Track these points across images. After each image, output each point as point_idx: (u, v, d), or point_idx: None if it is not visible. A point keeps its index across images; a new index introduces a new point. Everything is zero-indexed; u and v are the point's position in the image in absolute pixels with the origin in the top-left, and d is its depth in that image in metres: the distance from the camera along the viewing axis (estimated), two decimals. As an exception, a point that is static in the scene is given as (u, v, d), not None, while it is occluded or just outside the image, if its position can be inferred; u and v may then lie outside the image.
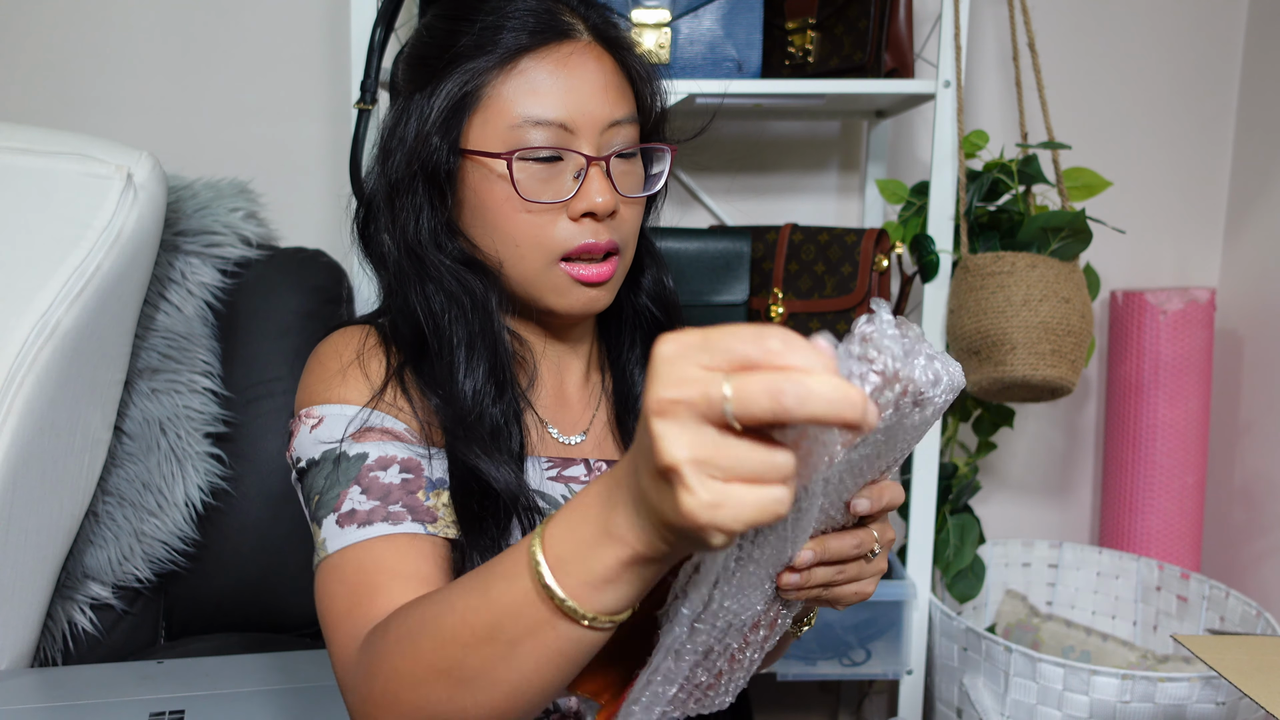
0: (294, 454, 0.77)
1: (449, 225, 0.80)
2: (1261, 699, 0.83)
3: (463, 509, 0.74)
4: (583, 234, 0.77)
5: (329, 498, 0.72)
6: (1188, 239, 1.82)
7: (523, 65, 0.76)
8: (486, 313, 0.79)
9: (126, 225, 1.18)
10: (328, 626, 0.69)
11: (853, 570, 0.64)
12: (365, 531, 0.70)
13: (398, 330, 0.80)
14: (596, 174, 0.76)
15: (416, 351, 0.79)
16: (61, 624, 1.24)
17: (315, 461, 0.75)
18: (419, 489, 0.73)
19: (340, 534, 0.70)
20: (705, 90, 1.34)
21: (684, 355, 0.42)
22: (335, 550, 0.70)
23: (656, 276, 0.90)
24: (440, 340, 0.78)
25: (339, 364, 0.78)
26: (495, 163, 0.76)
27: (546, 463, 0.82)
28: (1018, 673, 1.34)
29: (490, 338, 0.78)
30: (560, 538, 0.51)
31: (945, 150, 1.41)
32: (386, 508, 0.71)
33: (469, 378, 0.77)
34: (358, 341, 0.80)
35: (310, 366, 0.81)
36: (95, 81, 1.67)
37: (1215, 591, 1.52)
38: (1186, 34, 1.76)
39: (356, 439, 0.74)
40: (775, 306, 1.50)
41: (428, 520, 0.72)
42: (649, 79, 0.83)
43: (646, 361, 0.89)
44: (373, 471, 0.72)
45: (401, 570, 0.68)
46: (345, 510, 0.71)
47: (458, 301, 0.78)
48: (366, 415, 0.75)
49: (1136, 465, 1.69)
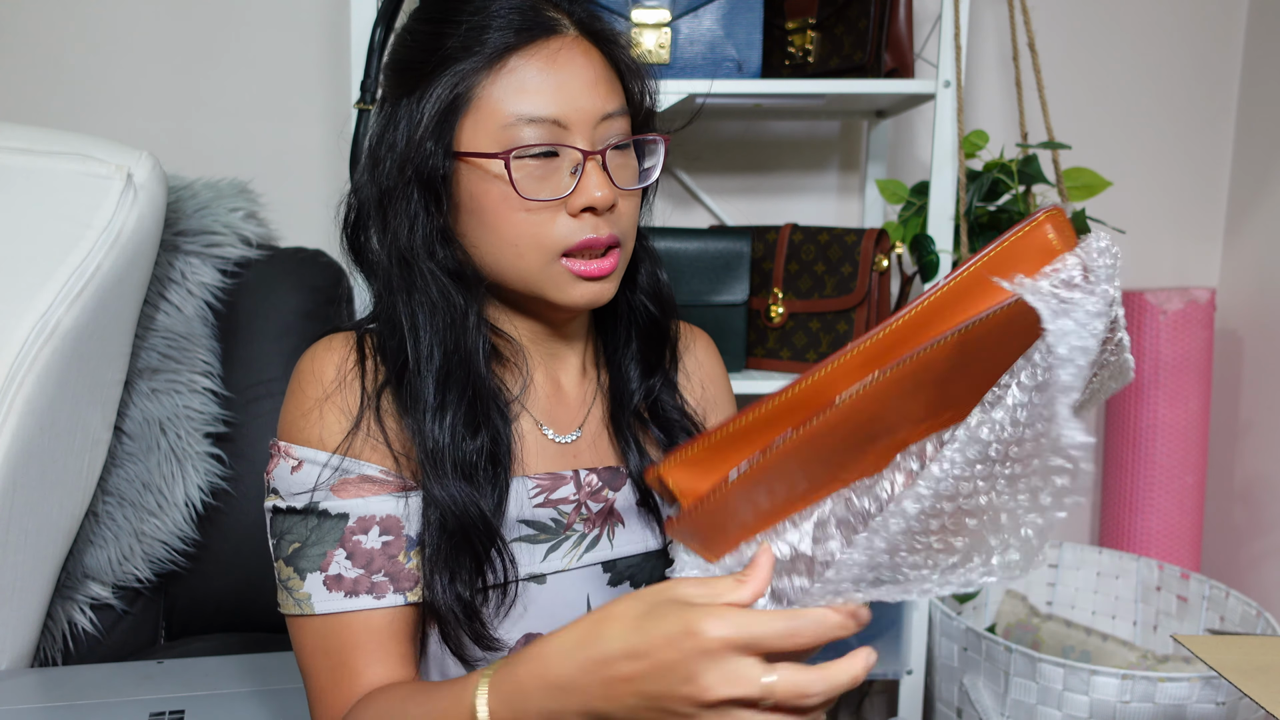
0: (272, 484, 0.79)
1: (443, 232, 0.79)
2: (1261, 699, 0.83)
3: (434, 545, 0.75)
4: (583, 229, 0.77)
5: (313, 553, 0.76)
6: (1188, 239, 1.82)
7: (511, 64, 0.75)
8: (464, 330, 0.78)
9: (126, 225, 1.18)
10: (311, 693, 0.77)
11: None
12: (351, 603, 0.75)
13: (384, 341, 0.80)
14: (593, 168, 0.76)
15: (401, 366, 0.79)
16: (61, 624, 1.24)
17: (296, 510, 0.77)
18: (399, 550, 0.77)
19: (328, 598, 0.75)
20: (705, 90, 1.34)
21: (730, 649, 0.53)
22: (323, 613, 0.75)
23: (651, 272, 0.90)
24: (418, 358, 0.78)
25: (318, 391, 0.78)
26: (491, 163, 0.76)
27: (534, 486, 0.81)
28: (1018, 673, 1.34)
29: (465, 360, 0.78)
30: (504, 697, 0.61)
31: (945, 150, 1.41)
32: (370, 578, 0.76)
33: (440, 414, 0.77)
34: (340, 359, 0.80)
35: (292, 388, 0.80)
36: (95, 81, 1.67)
37: (1215, 591, 1.52)
38: (1186, 34, 1.76)
39: (336, 492, 0.76)
40: (775, 306, 1.50)
41: (408, 587, 0.77)
42: (636, 71, 0.82)
43: (641, 358, 0.89)
44: (355, 535, 0.76)
45: (379, 654, 0.75)
46: (333, 574, 0.75)
47: (439, 315, 0.78)
48: (340, 463, 0.76)
49: (1136, 465, 1.69)
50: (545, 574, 0.81)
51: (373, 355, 0.80)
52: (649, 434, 0.89)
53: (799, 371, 1.51)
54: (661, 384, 0.90)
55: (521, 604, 0.79)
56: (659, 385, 0.89)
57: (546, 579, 0.81)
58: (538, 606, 0.80)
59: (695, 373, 0.96)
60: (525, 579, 0.80)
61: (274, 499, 0.78)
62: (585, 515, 0.83)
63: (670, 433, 0.88)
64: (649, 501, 0.86)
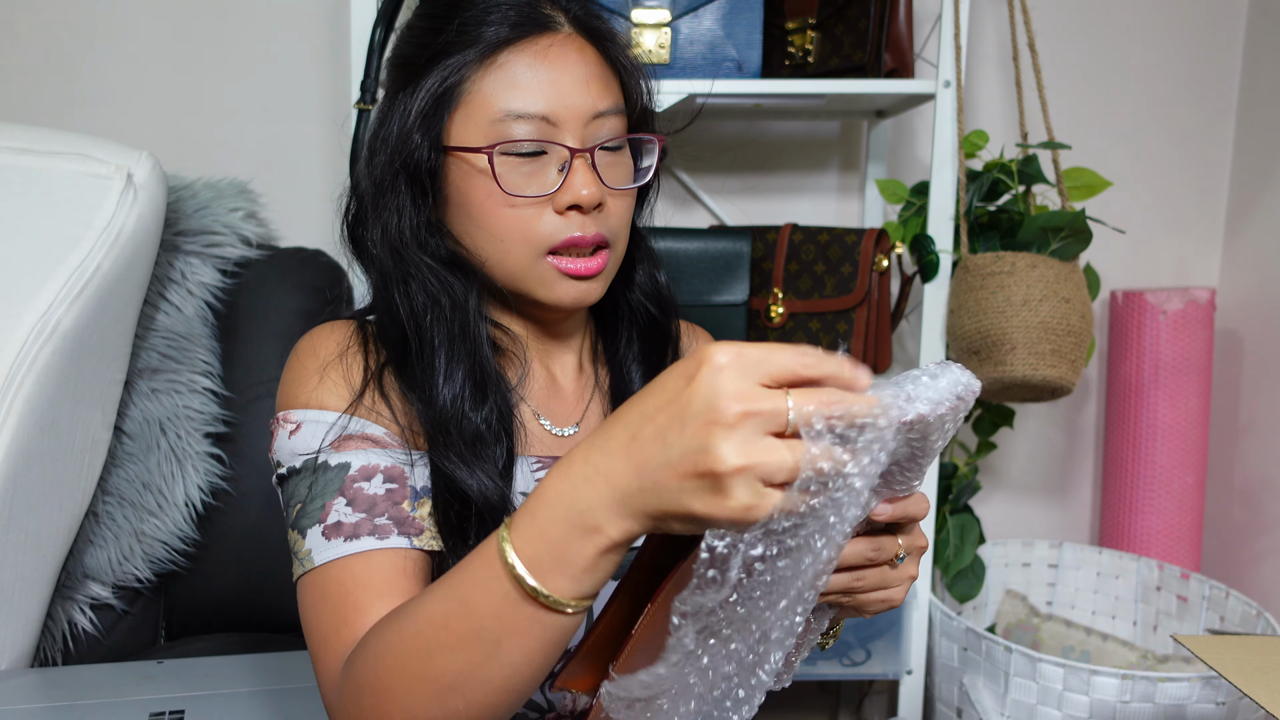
0: (274, 457, 0.78)
1: (432, 223, 0.79)
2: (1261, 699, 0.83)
3: (443, 516, 0.74)
4: (569, 227, 0.76)
5: (313, 508, 0.72)
6: (1188, 239, 1.82)
7: (502, 59, 0.75)
8: (465, 314, 0.78)
9: (126, 225, 1.18)
10: (314, 647, 0.70)
11: (874, 578, 0.64)
12: (352, 545, 0.70)
13: (384, 329, 0.80)
14: (581, 166, 0.76)
15: (401, 352, 0.79)
16: (61, 624, 1.24)
17: (296, 470, 0.75)
18: (404, 499, 0.74)
19: (327, 546, 0.71)
20: (705, 90, 1.34)
21: (743, 371, 0.48)
22: (322, 563, 0.70)
23: (649, 273, 0.90)
24: (421, 341, 0.78)
25: (316, 363, 0.78)
26: (477, 158, 0.76)
27: (535, 463, 0.82)
28: (1018, 673, 1.34)
29: (469, 341, 0.78)
30: (531, 538, 0.54)
31: (945, 150, 1.41)
32: (373, 520, 0.71)
33: (448, 383, 0.76)
34: (339, 338, 0.80)
35: (289, 364, 0.80)
36: (95, 81, 1.67)
37: (1215, 591, 1.52)
38: (1186, 34, 1.76)
39: (336, 447, 0.74)
40: (775, 306, 1.50)
41: (414, 533, 0.73)
42: (634, 70, 0.82)
43: (644, 358, 0.88)
44: (357, 483, 0.73)
45: (385, 589, 0.69)
46: (331, 522, 0.71)
47: (437, 302, 0.78)
48: (345, 422, 0.75)
49: (1136, 465, 1.69)
50: None
51: (374, 340, 0.80)
52: None
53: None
54: None
55: None
56: None
57: None
58: None
59: None
60: None
61: (278, 470, 0.77)
62: None
63: None
64: None
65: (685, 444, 0.48)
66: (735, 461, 0.46)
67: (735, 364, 0.48)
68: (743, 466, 0.46)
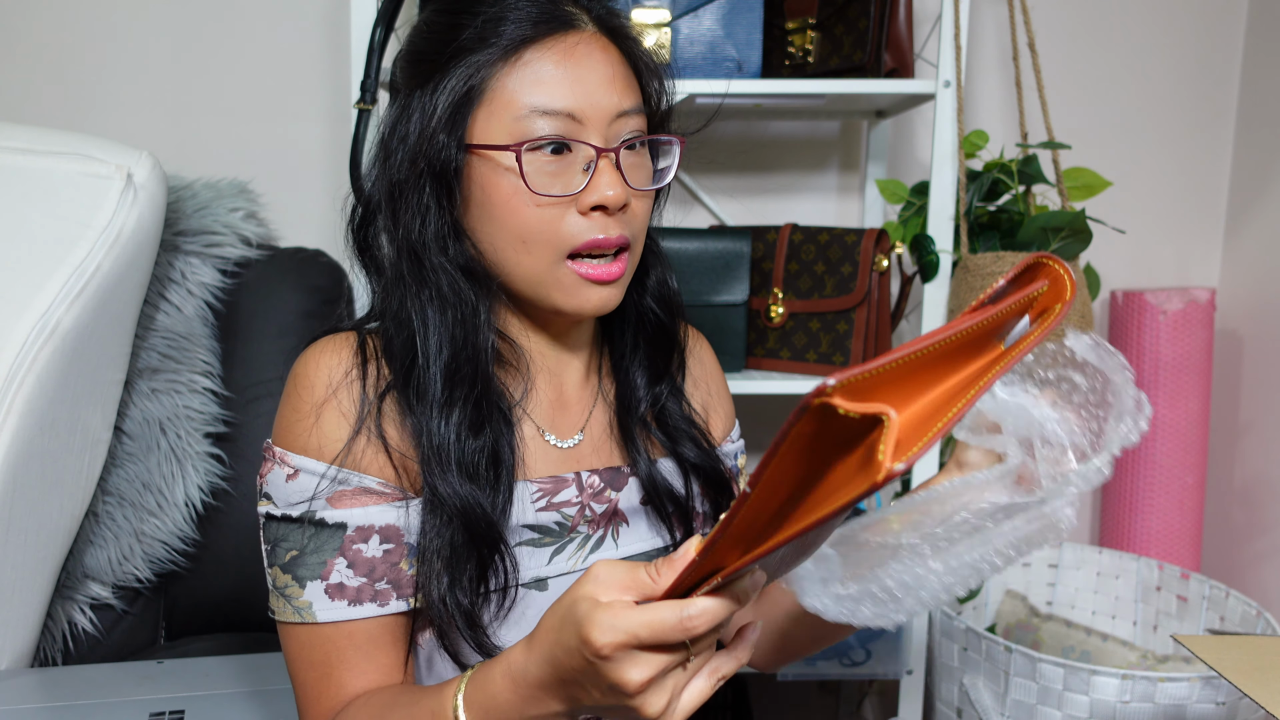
0: (265, 489, 0.77)
1: (454, 226, 0.78)
2: (1261, 699, 0.83)
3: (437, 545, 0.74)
4: (592, 229, 0.75)
5: (313, 561, 0.75)
6: (1188, 239, 1.82)
7: (527, 56, 0.74)
8: (474, 327, 0.77)
9: (126, 225, 1.18)
10: (299, 690, 0.78)
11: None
12: (355, 610, 0.75)
13: (390, 340, 0.79)
14: (606, 166, 0.75)
15: (407, 365, 0.77)
16: (61, 624, 1.24)
17: (292, 519, 0.75)
18: (400, 558, 0.76)
19: (330, 606, 0.75)
20: (705, 90, 1.34)
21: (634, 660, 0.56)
22: (325, 621, 0.75)
23: (661, 277, 0.89)
24: (427, 355, 0.77)
25: (312, 399, 0.76)
26: (502, 156, 0.74)
27: (536, 490, 0.80)
28: (1018, 673, 1.34)
29: (473, 361, 0.77)
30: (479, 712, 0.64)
31: (945, 150, 1.41)
32: (373, 585, 0.75)
33: (449, 406, 0.76)
34: (339, 360, 0.78)
35: (288, 391, 0.79)
36: (95, 81, 1.67)
37: (1215, 591, 1.52)
38: (1186, 34, 1.76)
39: (333, 503, 0.75)
40: (775, 306, 1.50)
41: (410, 594, 0.77)
42: (654, 70, 0.81)
43: (649, 364, 0.88)
44: (355, 544, 0.75)
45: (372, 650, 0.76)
46: (334, 582, 0.75)
47: (449, 310, 0.77)
48: (338, 474, 0.75)
49: (1136, 465, 1.69)
50: (549, 577, 0.80)
51: (375, 357, 0.79)
52: (653, 439, 0.88)
53: (799, 372, 1.52)
54: (668, 391, 0.89)
55: (521, 608, 0.78)
56: (665, 393, 0.88)
57: (549, 583, 0.80)
58: (537, 611, 0.79)
59: (699, 374, 0.95)
60: (529, 583, 0.79)
61: (268, 505, 0.77)
62: (589, 517, 0.82)
63: (675, 439, 0.88)
64: (653, 500, 0.86)
65: (608, 700, 0.58)
66: (655, 708, 0.57)
67: (615, 651, 0.55)
68: (661, 710, 0.57)
